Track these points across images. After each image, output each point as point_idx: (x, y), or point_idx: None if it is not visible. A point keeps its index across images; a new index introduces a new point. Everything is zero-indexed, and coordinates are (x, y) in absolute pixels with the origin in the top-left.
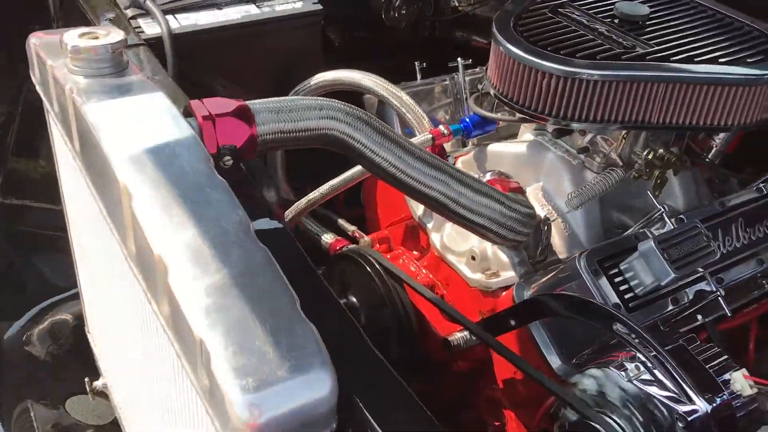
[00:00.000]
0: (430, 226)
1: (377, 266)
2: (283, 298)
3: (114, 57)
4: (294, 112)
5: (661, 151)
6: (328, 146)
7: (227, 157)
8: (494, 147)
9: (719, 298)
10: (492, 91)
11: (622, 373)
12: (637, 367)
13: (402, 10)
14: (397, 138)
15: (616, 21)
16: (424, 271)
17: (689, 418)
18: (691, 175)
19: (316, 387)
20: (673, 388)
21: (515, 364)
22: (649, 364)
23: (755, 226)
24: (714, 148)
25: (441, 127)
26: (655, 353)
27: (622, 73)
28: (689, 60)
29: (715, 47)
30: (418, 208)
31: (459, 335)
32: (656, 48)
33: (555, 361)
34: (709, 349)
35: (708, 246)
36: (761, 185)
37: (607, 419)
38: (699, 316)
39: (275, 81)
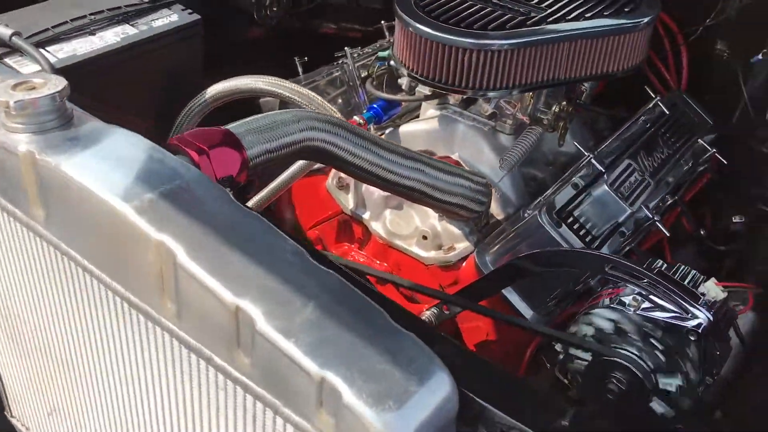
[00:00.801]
0: (367, 216)
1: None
2: (375, 314)
3: (62, 106)
4: (275, 130)
5: (564, 103)
6: (311, 158)
7: (227, 189)
8: (406, 128)
9: (656, 222)
10: (404, 71)
11: (624, 308)
12: (635, 299)
13: (273, 7)
14: (370, 136)
15: None
16: (377, 261)
17: (699, 330)
18: (578, 120)
19: (442, 389)
20: (674, 308)
21: (511, 322)
22: (644, 293)
23: (653, 154)
24: (585, 92)
25: (355, 118)
26: (648, 281)
27: (529, 39)
28: (581, 17)
29: (596, 2)
30: (349, 202)
31: (428, 313)
32: (550, 11)
33: (528, 313)
34: (675, 268)
35: (644, 179)
36: (641, 118)
37: (626, 352)
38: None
39: (164, 100)
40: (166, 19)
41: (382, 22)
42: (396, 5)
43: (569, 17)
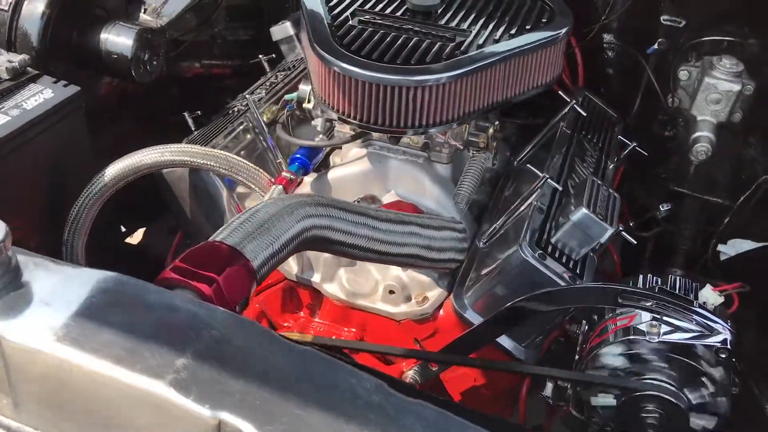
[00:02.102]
0: (317, 279)
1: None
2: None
3: (6, 258)
4: (271, 229)
5: (496, 123)
6: (307, 248)
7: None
8: (335, 173)
9: (622, 232)
10: (334, 115)
11: (646, 337)
12: (653, 326)
13: (153, 61)
14: (359, 208)
15: (408, 14)
16: (342, 327)
17: (728, 347)
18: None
19: None
20: (693, 328)
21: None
22: (657, 318)
23: (585, 159)
24: None
25: (284, 174)
26: (662, 304)
27: (471, 67)
28: (507, 36)
29: (512, 19)
30: (292, 267)
31: (411, 374)
32: (474, 34)
33: (519, 351)
34: (671, 280)
35: (610, 194)
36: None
37: (652, 381)
38: None
39: (51, 189)
40: (39, 97)
41: (261, 56)
42: (312, 45)
43: (497, 38)
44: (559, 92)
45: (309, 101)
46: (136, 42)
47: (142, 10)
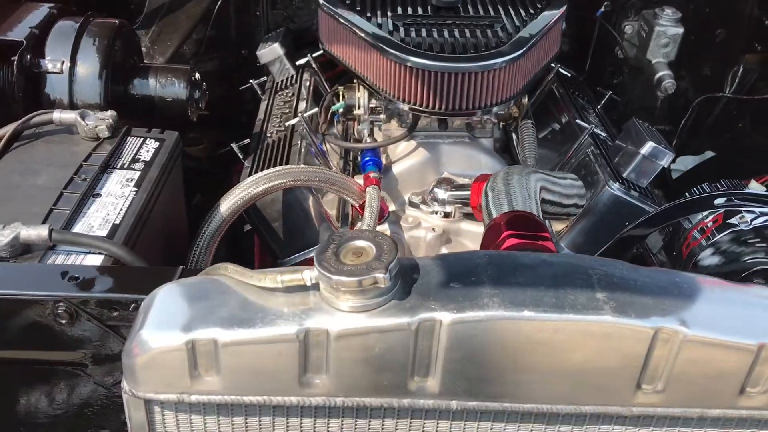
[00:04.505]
0: None
1: None
2: None
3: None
4: (533, 196)
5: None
6: None
7: None
8: (396, 169)
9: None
10: (405, 107)
11: (739, 227)
12: (743, 217)
13: (202, 99)
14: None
15: (434, 11)
16: None
17: None
18: None
19: None
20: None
21: None
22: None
23: (587, 111)
24: None
25: (372, 176)
26: (744, 199)
27: (524, 48)
28: (531, 17)
29: (524, 4)
30: None
31: None
32: (506, 21)
33: None
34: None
35: (647, 126)
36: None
37: (757, 259)
38: None
39: (173, 233)
40: (149, 147)
41: (252, 81)
42: (381, 47)
43: (524, 20)
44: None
45: (359, 107)
46: (187, 83)
47: None
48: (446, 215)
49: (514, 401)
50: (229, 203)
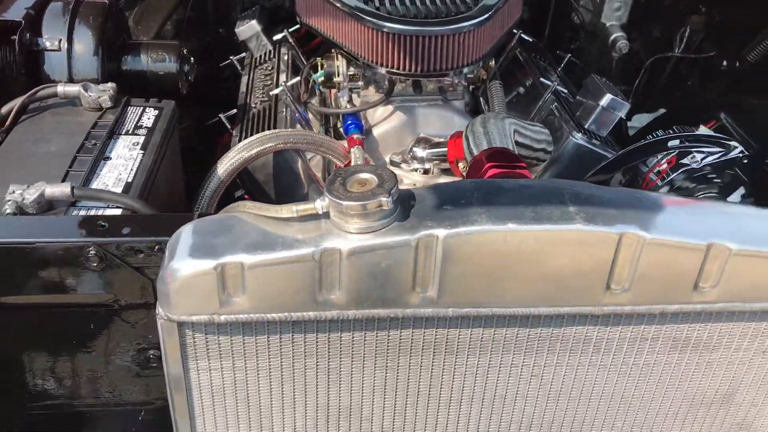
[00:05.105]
0: None
1: None
2: None
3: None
4: (509, 136)
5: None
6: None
7: None
8: (376, 132)
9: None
10: (383, 70)
11: (690, 166)
12: (694, 157)
13: (191, 73)
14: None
15: None
16: None
17: (747, 153)
18: None
19: None
20: (715, 150)
21: None
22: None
23: (550, 72)
24: None
25: (356, 137)
26: (688, 141)
27: (490, 13)
28: None
29: None
30: None
31: None
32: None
33: None
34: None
35: (605, 81)
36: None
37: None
38: None
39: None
40: (150, 116)
41: (231, 57)
42: (360, 17)
43: None
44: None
45: (338, 75)
46: (177, 58)
47: None
48: (425, 172)
49: (501, 306)
50: (225, 166)
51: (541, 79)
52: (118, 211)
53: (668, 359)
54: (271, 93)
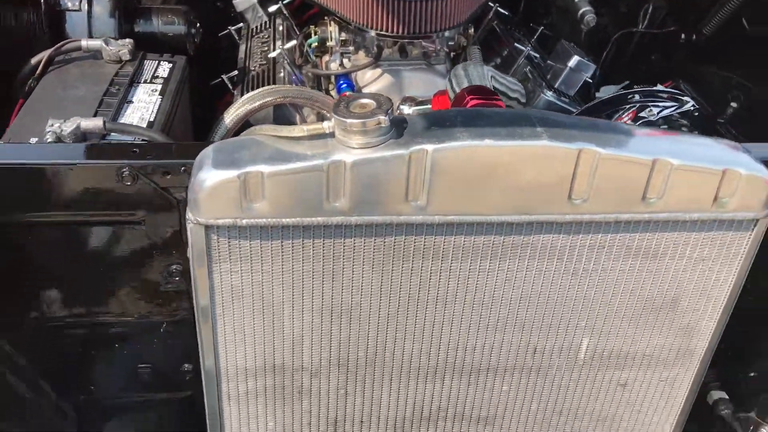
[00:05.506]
0: None
1: None
2: None
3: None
4: (486, 79)
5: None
6: None
7: None
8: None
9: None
10: (374, 33)
11: (647, 118)
12: (651, 111)
13: (198, 35)
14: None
15: None
16: None
17: (697, 106)
18: None
19: None
20: (669, 104)
21: None
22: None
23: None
24: None
25: (348, 93)
26: (645, 96)
27: None
28: None
29: None
30: None
31: None
32: None
33: None
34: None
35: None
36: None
37: None
38: None
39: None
40: (165, 68)
41: (230, 27)
42: None
43: None
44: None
45: (331, 40)
46: (185, 21)
47: None
48: None
49: (480, 214)
50: (231, 116)
51: (516, 44)
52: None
53: (622, 266)
54: (269, 56)
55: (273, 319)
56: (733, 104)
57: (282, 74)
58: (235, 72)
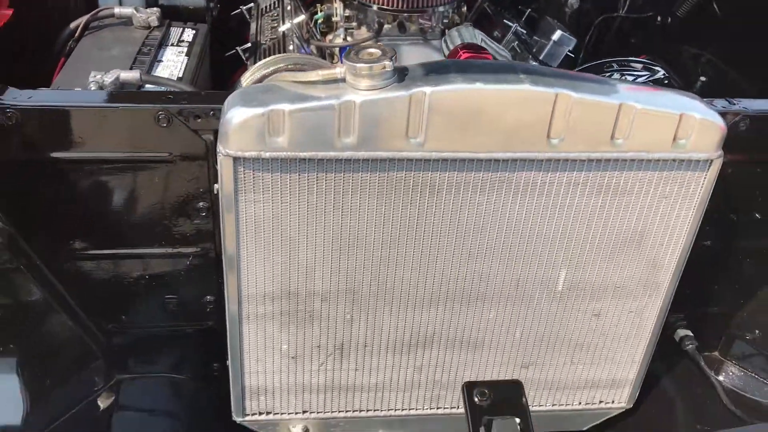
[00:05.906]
0: None
1: None
2: None
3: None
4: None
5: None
6: None
7: None
8: None
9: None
10: (376, 7)
11: None
12: (625, 78)
13: (217, 7)
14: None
15: None
16: None
17: (669, 74)
18: None
19: None
20: (643, 73)
21: None
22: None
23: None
24: None
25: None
26: (623, 64)
27: None
28: None
29: None
30: None
31: None
32: None
33: None
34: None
35: (555, 23)
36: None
37: None
38: None
39: None
40: (189, 34)
41: (242, 7)
42: None
43: None
44: None
45: (336, 16)
46: None
47: None
48: None
49: (470, 151)
50: (246, 79)
51: (505, 20)
52: None
53: (594, 202)
54: (279, 30)
55: (289, 247)
56: (702, 78)
57: (291, 47)
58: (248, 44)
